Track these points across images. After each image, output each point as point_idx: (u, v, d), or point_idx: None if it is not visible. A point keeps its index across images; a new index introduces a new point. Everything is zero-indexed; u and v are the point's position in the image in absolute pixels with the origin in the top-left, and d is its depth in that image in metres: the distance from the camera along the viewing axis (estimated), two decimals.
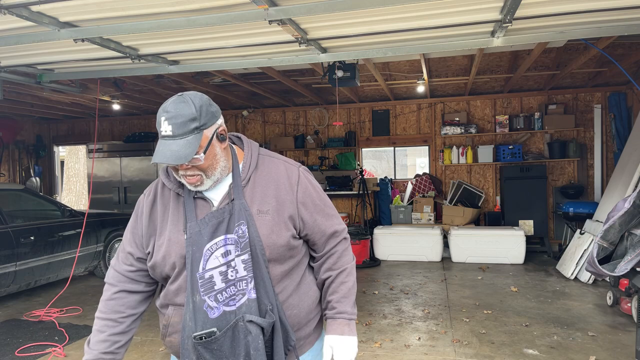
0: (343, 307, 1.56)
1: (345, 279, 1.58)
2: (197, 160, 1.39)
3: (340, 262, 1.60)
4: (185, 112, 1.36)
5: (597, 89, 8.04)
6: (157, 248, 1.50)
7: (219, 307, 1.42)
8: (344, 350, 1.53)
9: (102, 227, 6.68)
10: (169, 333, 1.51)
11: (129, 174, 9.16)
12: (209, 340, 1.38)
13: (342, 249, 1.61)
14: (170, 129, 1.35)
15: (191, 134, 1.36)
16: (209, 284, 1.42)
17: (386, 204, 8.75)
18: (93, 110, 9.03)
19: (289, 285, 1.52)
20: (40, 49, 4.12)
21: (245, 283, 1.42)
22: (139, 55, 4.31)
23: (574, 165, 8.22)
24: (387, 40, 4.12)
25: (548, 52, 6.24)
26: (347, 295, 1.57)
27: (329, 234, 1.58)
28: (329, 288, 1.59)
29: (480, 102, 8.63)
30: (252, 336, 1.37)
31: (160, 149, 1.36)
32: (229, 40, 3.95)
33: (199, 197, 1.49)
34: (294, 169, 1.57)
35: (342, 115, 9.22)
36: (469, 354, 3.93)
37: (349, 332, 1.55)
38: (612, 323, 4.55)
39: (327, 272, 1.59)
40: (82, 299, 5.74)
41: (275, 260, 1.47)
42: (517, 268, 6.96)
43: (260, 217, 1.46)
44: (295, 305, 1.52)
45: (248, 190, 1.49)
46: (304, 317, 1.55)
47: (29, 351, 4.12)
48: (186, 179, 1.44)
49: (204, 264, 1.42)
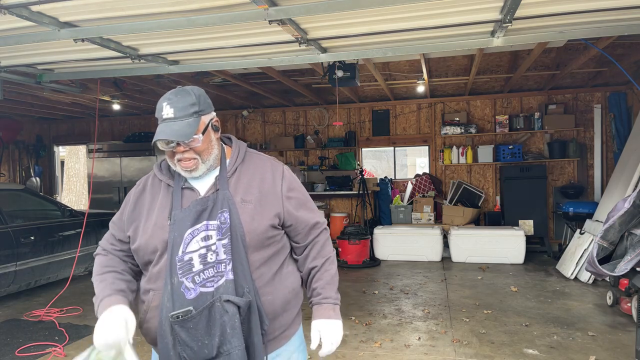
0: (328, 292, 1.65)
1: (329, 267, 1.68)
2: (195, 140, 1.50)
3: (324, 252, 1.70)
4: (186, 98, 1.51)
5: (597, 89, 8.04)
6: (142, 233, 1.58)
7: (195, 289, 1.48)
8: (331, 333, 1.61)
9: (102, 227, 6.67)
10: (148, 318, 1.57)
11: (129, 174, 9.16)
12: (185, 319, 1.43)
13: (324, 239, 1.72)
14: (172, 112, 1.48)
15: (191, 117, 1.49)
16: (187, 266, 1.50)
17: (386, 204, 8.75)
18: (93, 110, 9.02)
19: (266, 273, 1.58)
20: (40, 49, 4.12)
21: (224, 265, 1.49)
22: (139, 55, 4.31)
23: (574, 165, 8.22)
24: (387, 40, 4.12)
25: (548, 52, 6.24)
26: (331, 282, 1.67)
27: (312, 225, 1.68)
28: (314, 277, 1.68)
29: (480, 102, 8.63)
30: (229, 315, 1.43)
31: (162, 129, 1.48)
32: (229, 40, 3.95)
33: (187, 188, 1.59)
34: (278, 165, 1.69)
35: (342, 115, 9.22)
36: (469, 353, 3.93)
37: (334, 316, 1.64)
38: (612, 323, 4.55)
39: (313, 261, 1.68)
40: (82, 299, 5.74)
41: (254, 246, 1.54)
42: (517, 268, 6.96)
43: (243, 206, 1.55)
44: (270, 292, 1.57)
45: (233, 181, 1.59)
46: (279, 306, 1.60)
47: (29, 351, 4.12)
48: (182, 164, 1.53)
49: (184, 247, 1.50)
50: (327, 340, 1.61)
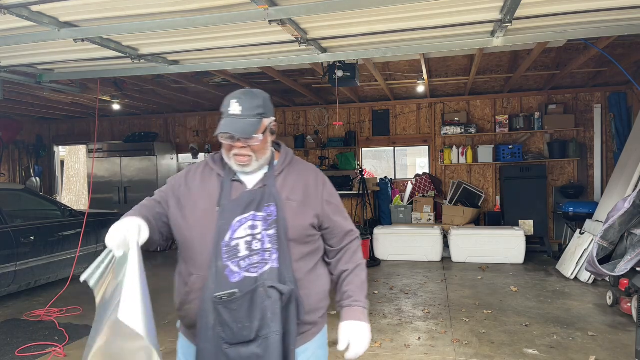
0: (358, 296, 1.75)
1: (360, 273, 1.79)
2: (255, 139, 1.61)
3: (355, 258, 1.80)
4: (253, 100, 1.64)
5: (597, 88, 8.04)
6: (189, 213, 1.68)
7: (240, 273, 1.58)
8: (360, 335, 1.69)
9: (102, 227, 6.67)
10: (190, 300, 1.66)
11: (129, 173, 9.16)
12: (229, 300, 1.54)
13: (356, 246, 1.82)
14: (240, 110, 1.60)
15: (255, 117, 1.61)
16: (233, 251, 1.60)
17: (386, 204, 8.75)
18: (93, 110, 9.02)
19: (304, 267, 1.68)
20: (40, 49, 4.12)
21: (270, 254, 1.60)
22: (139, 55, 4.31)
23: (574, 165, 8.22)
24: (387, 40, 4.12)
25: (548, 52, 6.24)
26: (361, 287, 1.77)
27: (346, 231, 1.80)
28: (345, 280, 1.77)
29: (480, 102, 8.63)
30: (271, 301, 1.54)
31: (227, 123, 1.60)
32: (229, 40, 3.95)
33: (236, 180, 1.69)
34: (321, 174, 1.82)
35: (342, 115, 9.22)
36: (469, 353, 3.93)
37: (364, 319, 1.73)
38: (612, 323, 4.55)
39: (345, 265, 1.78)
40: (82, 299, 5.73)
41: (295, 240, 1.65)
42: (517, 268, 6.96)
43: (287, 203, 1.66)
44: (307, 286, 1.67)
45: (280, 180, 1.71)
46: (313, 302, 1.69)
47: (29, 351, 4.12)
48: (237, 159, 1.64)
49: (232, 234, 1.61)
50: (356, 342, 1.68)
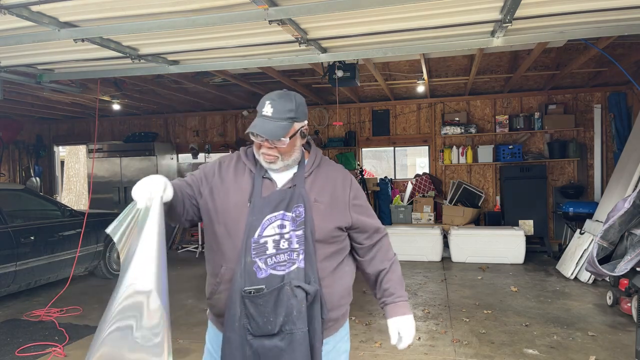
0: (400, 291, 1.84)
1: (396, 268, 1.87)
2: (282, 142, 1.66)
3: (389, 255, 1.88)
4: (286, 103, 1.67)
5: (597, 88, 8.04)
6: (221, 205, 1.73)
7: (266, 270, 1.65)
8: (409, 328, 1.81)
9: (102, 227, 6.64)
10: (220, 290, 1.73)
11: (129, 174, 9.16)
12: (256, 295, 1.61)
13: (387, 242, 1.90)
14: (271, 112, 1.65)
15: (285, 121, 1.65)
16: (262, 248, 1.66)
17: (386, 204, 8.75)
18: (93, 110, 9.01)
19: (328, 267, 1.74)
20: (40, 49, 4.12)
21: (297, 254, 1.66)
22: (139, 55, 4.31)
23: (573, 165, 8.22)
24: (387, 40, 4.12)
25: (548, 52, 6.24)
26: (400, 282, 1.86)
27: (375, 228, 1.86)
28: (384, 278, 1.85)
29: (480, 102, 8.63)
30: (297, 299, 1.60)
31: (258, 123, 1.65)
32: (229, 40, 3.95)
33: (267, 178, 1.75)
34: (348, 175, 1.87)
35: (342, 115, 9.22)
36: (469, 353, 3.93)
37: (409, 312, 1.84)
38: (612, 323, 4.55)
39: (380, 263, 1.85)
40: (82, 299, 5.74)
41: (320, 241, 1.71)
42: (517, 268, 6.96)
43: (315, 205, 1.71)
44: (330, 285, 1.73)
45: (309, 181, 1.76)
46: (335, 300, 1.76)
47: (29, 351, 4.12)
48: (264, 157, 1.70)
49: (261, 231, 1.66)
50: (406, 335, 1.80)
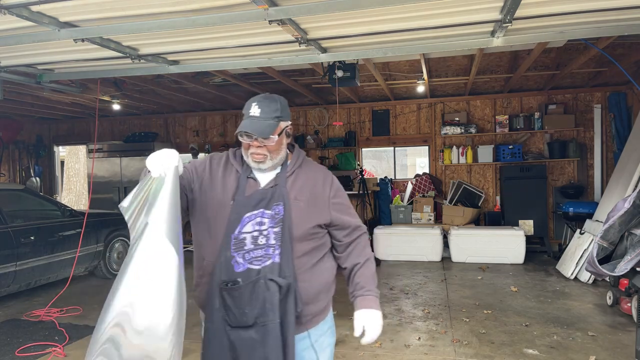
0: (370, 286, 1.90)
1: (370, 265, 1.93)
2: (271, 140, 1.75)
3: (365, 252, 1.95)
4: (272, 104, 1.78)
5: (597, 88, 8.04)
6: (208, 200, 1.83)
7: (244, 264, 1.73)
8: (374, 322, 1.84)
9: (102, 227, 6.67)
10: (202, 283, 1.83)
11: (129, 174, 9.16)
12: (233, 287, 1.70)
13: (364, 241, 1.97)
14: (259, 112, 1.75)
15: (272, 120, 1.75)
16: (240, 244, 1.74)
17: (386, 204, 8.75)
18: (93, 110, 9.02)
19: (306, 263, 1.81)
20: (40, 49, 4.12)
21: (273, 250, 1.74)
22: (139, 55, 4.31)
23: (573, 165, 8.22)
24: (387, 40, 4.12)
25: (548, 52, 6.24)
26: (372, 278, 1.92)
27: (354, 226, 1.93)
28: (357, 273, 1.91)
29: (480, 102, 8.63)
30: (270, 292, 1.67)
31: (247, 123, 1.74)
32: (229, 40, 3.95)
33: (251, 177, 1.84)
34: (329, 175, 1.95)
35: (342, 115, 9.22)
36: (469, 353, 3.93)
37: (376, 307, 1.88)
38: (612, 323, 4.55)
39: (356, 258, 1.92)
40: (82, 299, 5.74)
41: (299, 238, 1.78)
42: (517, 268, 6.96)
43: (295, 203, 1.79)
44: (307, 280, 1.80)
45: (290, 180, 1.84)
46: (312, 294, 1.82)
47: (29, 351, 4.12)
48: (253, 156, 1.79)
49: (241, 227, 1.75)
50: (370, 329, 1.83)
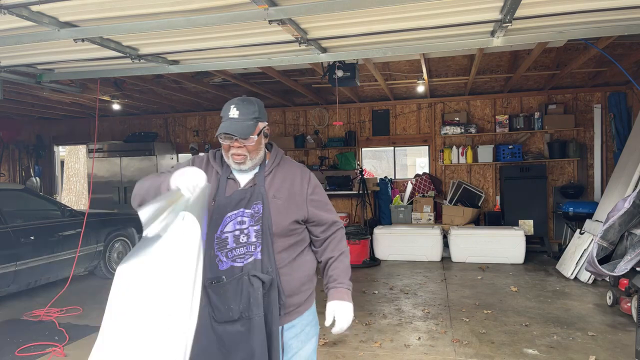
0: (342, 279, 1.96)
1: (344, 259, 2.00)
2: (250, 140, 1.82)
3: (340, 246, 2.01)
4: (249, 106, 1.85)
5: (597, 88, 8.04)
6: None
7: (227, 262, 1.81)
8: (344, 313, 1.91)
9: (102, 227, 6.67)
10: None
11: (129, 173, 9.16)
12: (217, 285, 1.79)
13: (340, 235, 2.04)
14: (238, 114, 1.81)
15: (251, 121, 1.83)
16: (223, 243, 1.83)
17: (386, 204, 8.74)
18: (93, 110, 9.01)
19: (287, 258, 1.89)
20: (40, 49, 4.12)
21: (254, 247, 1.81)
22: (138, 55, 4.31)
23: (573, 165, 8.22)
24: (387, 40, 4.12)
25: (548, 52, 6.24)
26: (345, 271, 1.99)
27: (330, 222, 2.00)
28: (331, 266, 1.98)
29: (480, 102, 8.63)
30: (254, 288, 1.76)
31: (227, 125, 1.80)
32: (229, 40, 3.95)
33: (231, 178, 1.91)
34: (307, 172, 2.01)
35: (342, 115, 9.22)
36: (469, 353, 3.93)
37: (348, 299, 1.94)
38: (612, 323, 4.55)
39: (330, 252, 1.99)
40: (83, 298, 5.74)
41: (278, 234, 1.85)
42: (517, 268, 6.96)
43: (273, 201, 1.86)
44: (289, 274, 1.88)
45: (269, 179, 1.91)
46: (295, 286, 1.90)
47: (29, 351, 4.12)
48: (234, 157, 1.85)
49: (222, 227, 1.83)
50: (340, 319, 1.90)
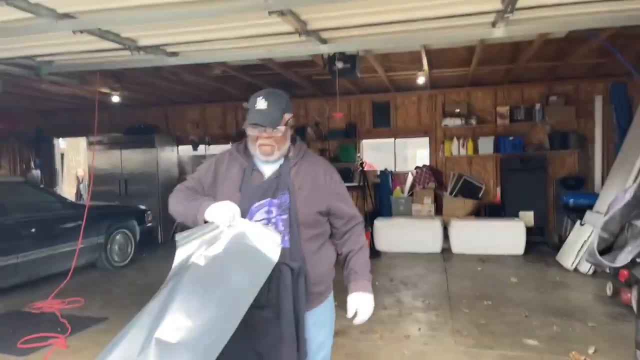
0: (363, 271, 2.04)
1: (364, 252, 2.08)
2: (278, 130, 1.87)
3: (359, 240, 2.09)
4: (276, 97, 1.91)
5: (599, 79, 7.98)
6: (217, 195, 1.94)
7: None
8: (366, 304, 1.99)
9: (103, 219, 6.68)
10: None
11: (129, 166, 9.14)
12: None
13: (360, 229, 2.11)
14: (265, 105, 1.86)
15: (279, 112, 1.87)
16: None
17: (386, 196, 8.75)
18: (93, 103, 8.89)
19: (312, 247, 1.96)
20: (38, 41, 4.10)
21: (282, 236, 1.84)
22: (137, 47, 4.28)
23: (574, 157, 8.20)
24: (388, 32, 4.09)
25: (549, 42, 6.18)
26: (365, 264, 2.06)
27: (351, 216, 2.07)
28: (351, 259, 2.05)
29: (481, 93, 8.60)
30: (283, 275, 1.78)
31: (256, 116, 1.85)
32: (228, 31, 3.93)
33: (255, 170, 1.96)
34: (330, 166, 2.08)
35: (343, 106, 9.17)
36: (468, 344, 3.95)
37: (369, 290, 2.02)
38: (612, 313, 4.57)
39: (351, 245, 2.06)
40: (84, 290, 5.76)
41: (304, 224, 1.92)
42: (517, 259, 6.97)
43: (299, 192, 1.92)
44: (314, 263, 1.94)
45: (293, 171, 1.96)
46: (319, 276, 1.97)
47: (32, 342, 4.14)
48: (261, 148, 1.89)
49: (250, 217, 1.88)
50: (362, 310, 1.97)
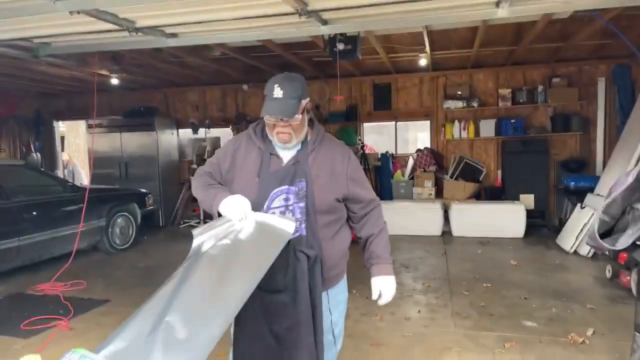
0: (385, 254, 2.09)
1: (384, 235, 2.12)
2: (295, 119, 1.84)
3: (379, 222, 2.12)
4: (293, 84, 1.86)
5: (602, 61, 7.90)
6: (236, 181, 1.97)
7: None
8: (389, 286, 2.06)
9: (104, 203, 6.69)
10: None
11: (129, 149, 9.12)
12: None
13: (378, 212, 2.14)
14: (282, 93, 1.82)
15: (295, 99, 1.83)
16: None
17: (387, 179, 8.74)
18: (92, 85, 8.91)
19: (329, 233, 1.99)
20: (36, 22, 4.05)
21: (299, 223, 1.89)
22: (135, 28, 4.22)
23: (576, 139, 8.16)
24: (389, 12, 4.03)
25: (553, 23, 6.10)
26: (386, 247, 2.10)
27: (369, 199, 2.09)
28: (372, 242, 2.09)
29: (483, 75, 8.52)
30: (300, 262, 1.82)
31: (272, 105, 1.82)
32: (228, 12, 3.87)
33: (274, 154, 1.95)
34: (347, 150, 2.07)
35: (343, 89, 9.11)
36: (468, 326, 3.98)
37: (391, 272, 2.09)
38: (611, 296, 4.60)
39: (371, 229, 2.09)
40: (86, 273, 5.80)
41: (321, 212, 1.93)
42: (517, 242, 7.00)
43: (316, 179, 1.92)
44: (330, 248, 1.98)
45: (311, 157, 1.95)
46: (334, 260, 2.02)
47: (35, 324, 4.18)
48: (279, 136, 1.88)
49: (269, 203, 1.90)
50: (386, 292, 2.05)
